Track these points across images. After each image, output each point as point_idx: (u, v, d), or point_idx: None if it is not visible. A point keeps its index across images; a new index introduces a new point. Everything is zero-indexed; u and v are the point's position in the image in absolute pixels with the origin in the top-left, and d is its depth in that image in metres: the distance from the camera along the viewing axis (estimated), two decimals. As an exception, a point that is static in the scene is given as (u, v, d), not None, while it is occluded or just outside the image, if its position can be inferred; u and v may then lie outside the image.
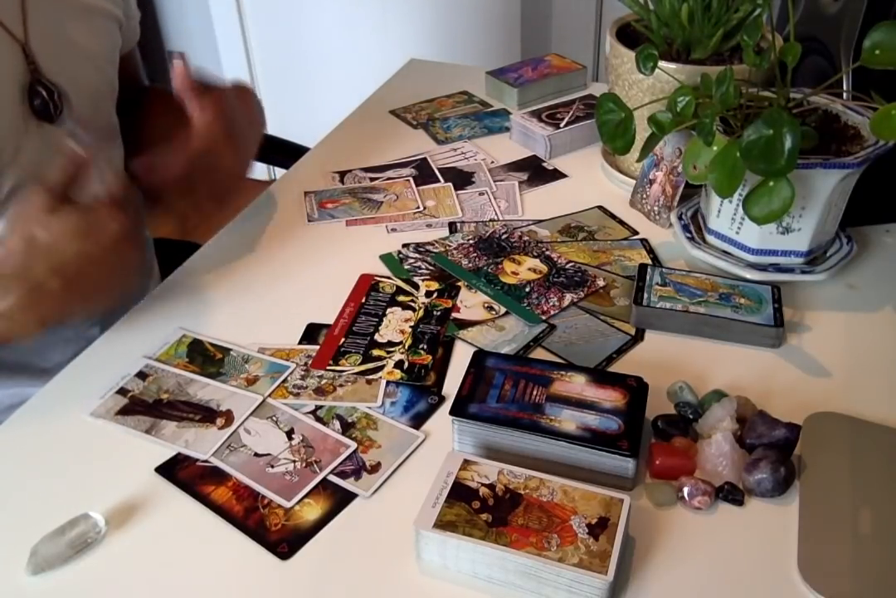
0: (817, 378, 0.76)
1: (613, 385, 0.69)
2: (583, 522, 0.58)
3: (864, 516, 0.62)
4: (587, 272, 0.89)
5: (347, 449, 0.70)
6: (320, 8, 2.27)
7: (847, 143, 0.82)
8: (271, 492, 0.66)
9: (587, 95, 1.21)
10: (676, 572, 0.60)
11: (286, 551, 0.62)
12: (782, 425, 0.67)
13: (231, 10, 2.38)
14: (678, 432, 0.69)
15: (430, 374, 0.77)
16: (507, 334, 0.82)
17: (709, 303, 0.81)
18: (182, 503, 0.66)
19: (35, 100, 0.82)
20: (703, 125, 0.78)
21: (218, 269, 0.92)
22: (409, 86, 1.30)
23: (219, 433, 0.71)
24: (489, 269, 0.90)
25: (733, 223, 0.85)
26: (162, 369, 0.78)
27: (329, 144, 1.16)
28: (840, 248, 0.88)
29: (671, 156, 0.93)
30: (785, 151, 0.70)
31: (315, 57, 2.37)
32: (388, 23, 2.24)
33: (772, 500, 0.65)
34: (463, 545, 0.58)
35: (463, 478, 0.61)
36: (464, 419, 0.67)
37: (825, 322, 0.82)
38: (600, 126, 0.85)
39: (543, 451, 0.66)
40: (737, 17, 0.91)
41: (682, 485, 0.65)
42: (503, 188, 1.04)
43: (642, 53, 0.85)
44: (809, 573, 0.59)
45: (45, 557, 0.61)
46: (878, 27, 0.71)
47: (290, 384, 0.76)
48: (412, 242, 0.95)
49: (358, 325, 0.83)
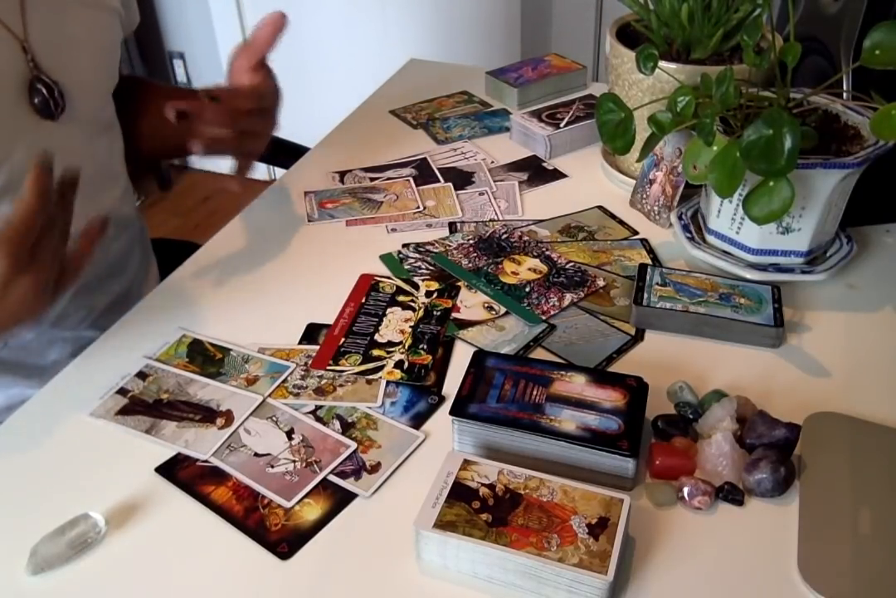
0: (817, 378, 0.76)
1: (613, 385, 0.69)
2: (583, 522, 0.58)
3: (864, 516, 0.62)
4: (587, 272, 0.89)
5: (347, 449, 0.70)
6: (320, 8, 2.27)
7: (847, 143, 0.82)
8: (271, 492, 0.66)
9: (587, 95, 1.21)
10: (676, 572, 0.60)
11: (286, 551, 0.62)
12: (782, 425, 0.67)
13: (231, 10, 2.38)
14: (678, 432, 0.69)
15: (430, 374, 0.77)
16: (507, 334, 0.82)
17: (709, 303, 0.81)
18: (182, 503, 0.66)
19: (35, 97, 0.82)
20: (703, 125, 0.78)
21: (218, 269, 0.92)
22: (409, 86, 1.30)
23: (219, 433, 0.71)
24: (489, 269, 0.90)
25: (733, 223, 0.85)
26: (162, 369, 0.78)
27: (329, 144, 1.16)
28: (840, 248, 0.88)
29: (671, 156, 0.93)
30: (785, 151, 0.70)
31: (315, 57, 2.37)
32: (388, 23, 2.24)
33: (772, 500, 0.65)
34: (463, 545, 0.58)
35: (463, 478, 0.61)
36: (464, 419, 0.67)
37: (825, 322, 0.82)
38: (600, 126, 0.85)
39: (543, 451, 0.66)
40: (737, 17, 0.91)
41: (682, 485, 0.65)
42: (503, 188, 1.04)
43: (642, 53, 0.85)
44: (809, 573, 0.59)
45: (45, 557, 0.61)
46: (878, 27, 0.71)
47: (290, 384, 0.76)
48: (412, 242, 0.95)
49: (358, 325, 0.83)
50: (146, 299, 0.88)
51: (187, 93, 0.88)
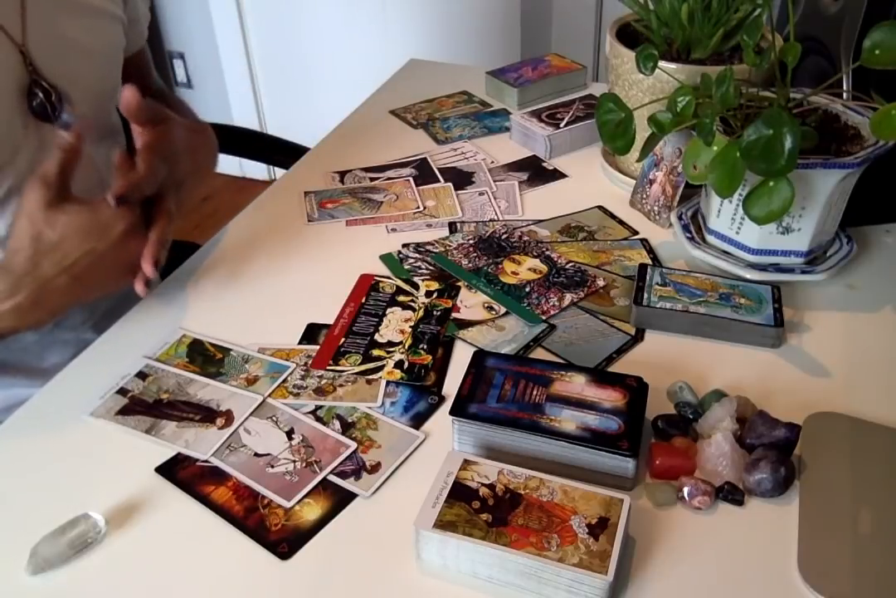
0: (817, 378, 0.76)
1: (613, 385, 0.69)
2: (583, 522, 0.58)
3: (864, 516, 0.62)
4: (587, 272, 0.89)
5: (347, 449, 0.70)
6: (320, 8, 2.27)
7: (847, 143, 0.82)
8: (271, 492, 0.66)
9: (587, 95, 1.21)
10: (676, 572, 0.60)
11: (286, 551, 0.62)
12: (782, 425, 0.67)
13: (231, 10, 2.38)
14: (678, 432, 0.69)
15: (430, 374, 0.77)
16: (507, 334, 0.82)
17: (709, 303, 0.81)
18: (182, 503, 0.66)
19: (33, 101, 0.82)
20: (703, 125, 0.78)
21: (218, 269, 0.92)
22: (409, 86, 1.30)
23: (219, 433, 0.71)
24: (489, 269, 0.90)
25: (733, 223, 0.85)
26: (162, 369, 0.78)
27: (329, 144, 1.16)
28: (840, 248, 0.88)
29: (671, 156, 0.93)
30: (785, 151, 0.70)
31: (315, 57, 2.37)
32: (388, 23, 2.24)
33: (772, 500, 0.65)
34: (463, 545, 0.58)
35: (463, 478, 0.61)
36: (464, 419, 0.67)
37: (825, 322, 0.82)
38: (600, 126, 0.85)
39: (543, 451, 0.66)
40: (737, 17, 0.91)
41: (682, 485, 0.65)
42: (503, 188, 1.04)
43: (642, 53, 0.85)
44: (809, 573, 0.59)
45: (45, 557, 0.61)
46: (878, 27, 0.71)
47: (290, 384, 0.76)
48: (412, 242, 0.95)
49: (358, 325, 0.83)
50: (146, 299, 0.88)
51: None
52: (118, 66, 0.96)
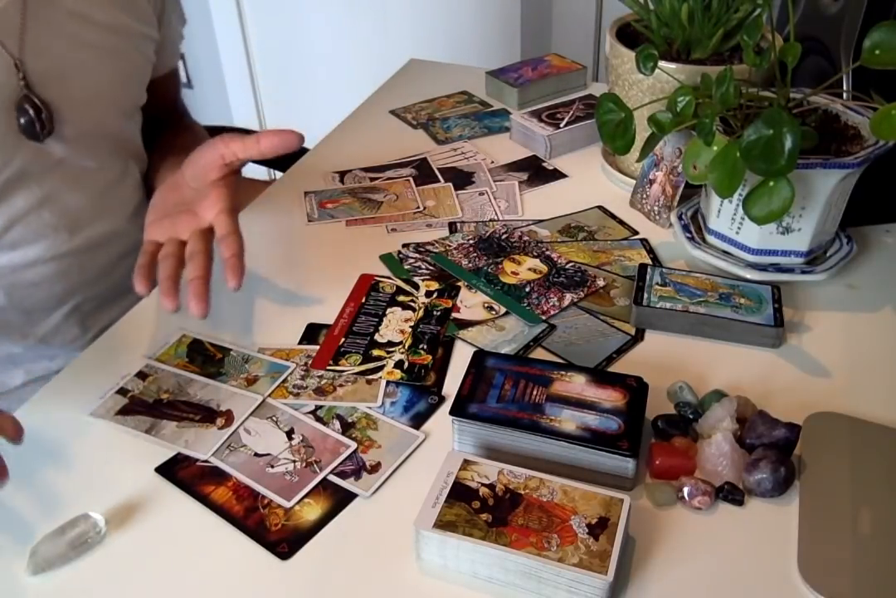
0: (817, 378, 0.76)
1: (613, 385, 0.69)
2: (583, 522, 0.58)
3: (864, 516, 0.62)
4: (587, 272, 0.89)
5: (347, 449, 0.70)
6: (320, 8, 2.27)
7: (847, 143, 0.82)
8: (271, 492, 0.66)
9: (587, 95, 1.21)
10: (676, 572, 0.61)
11: (286, 551, 0.62)
12: (782, 425, 0.67)
13: (231, 10, 2.38)
14: (678, 432, 0.69)
15: (430, 374, 0.77)
16: (507, 334, 0.82)
17: (709, 303, 0.81)
18: (182, 503, 0.66)
19: (21, 118, 0.81)
20: (703, 125, 0.78)
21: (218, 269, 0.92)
22: (409, 86, 1.30)
23: (219, 433, 0.71)
24: (489, 269, 0.90)
25: (733, 223, 0.85)
26: (162, 369, 0.78)
27: (329, 144, 1.16)
28: (840, 248, 0.88)
29: (671, 156, 0.93)
30: (785, 151, 0.70)
31: (315, 57, 2.36)
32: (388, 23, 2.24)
33: (772, 500, 0.65)
34: (463, 545, 0.58)
35: (463, 478, 0.61)
36: (464, 419, 0.67)
37: (825, 322, 0.82)
38: (600, 126, 0.85)
39: (543, 451, 0.66)
40: (737, 17, 0.91)
41: (682, 485, 0.65)
42: (503, 188, 1.04)
43: (642, 53, 0.85)
44: (809, 573, 0.59)
45: (45, 557, 0.61)
46: (878, 27, 0.71)
47: (290, 384, 0.76)
48: (412, 242, 0.95)
49: (358, 325, 0.83)
50: (146, 299, 0.88)
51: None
52: (139, 84, 0.94)
